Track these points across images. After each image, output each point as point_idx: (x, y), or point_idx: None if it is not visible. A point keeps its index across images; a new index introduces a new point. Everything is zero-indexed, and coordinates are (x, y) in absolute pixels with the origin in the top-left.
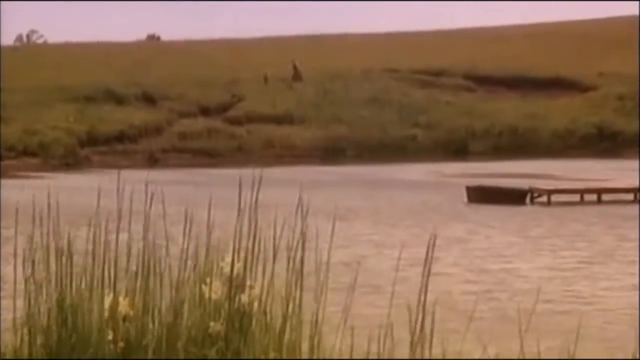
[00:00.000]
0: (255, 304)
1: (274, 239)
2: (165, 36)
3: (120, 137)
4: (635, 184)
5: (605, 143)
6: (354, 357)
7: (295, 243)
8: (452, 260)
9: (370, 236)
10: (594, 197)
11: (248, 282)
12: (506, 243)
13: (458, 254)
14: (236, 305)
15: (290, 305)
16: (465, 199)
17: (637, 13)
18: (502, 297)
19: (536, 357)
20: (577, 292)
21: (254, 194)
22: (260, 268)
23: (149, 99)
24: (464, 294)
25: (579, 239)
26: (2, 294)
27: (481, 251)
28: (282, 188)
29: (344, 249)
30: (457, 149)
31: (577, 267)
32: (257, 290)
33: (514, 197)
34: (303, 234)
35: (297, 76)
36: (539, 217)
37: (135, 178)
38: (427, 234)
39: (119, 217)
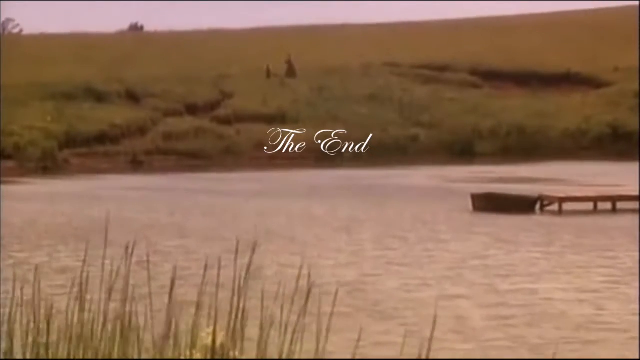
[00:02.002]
0: None
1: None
2: (149, 26)
3: (101, 138)
4: None
5: (620, 144)
6: None
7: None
8: (468, 280)
9: (377, 251)
10: (608, 205)
11: (232, 354)
12: (523, 259)
13: (473, 272)
14: None
15: None
16: (471, 208)
17: None
18: (524, 323)
19: None
20: (606, 316)
21: (248, 263)
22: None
23: (131, 97)
24: (482, 319)
25: (600, 255)
26: None
27: (498, 269)
28: (278, 199)
29: (350, 267)
30: (462, 150)
31: (603, 288)
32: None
33: (523, 205)
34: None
35: (291, 72)
36: (554, 230)
37: (120, 185)
38: (438, 249)
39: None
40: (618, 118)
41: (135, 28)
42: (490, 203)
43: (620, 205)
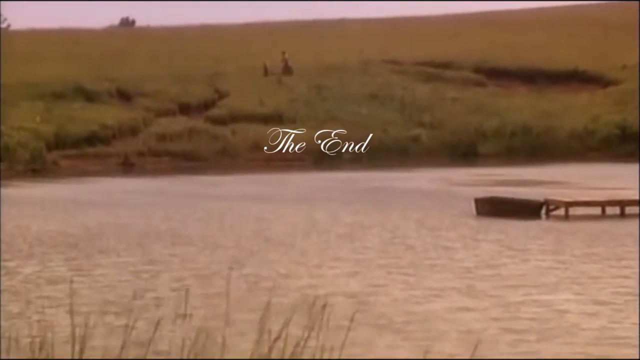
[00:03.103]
0: None
1: None
2: (141, 20)
3: (91, 139)
4: None
5: (629, 145)
6: None
7: None
8: (478, 291)
9: (382, 260)
10: (616, 209)
11: None
12: (534, 269)
13: (483, 282)
14: None
15: None
16: (474, 212)
17: None
18: (539, 338)
19: None
20: (623, 330)
21: None
22: None
23: (123, 96)
24: (494, 333)
25: (613, 264)
26: None
27: (508, 279)
28: (276, 203)
29: (355, 277)
30: (464, 151)
31: (619, 300)
32: None
33: (528, 210)
34: None
35: (287, 70)
36: (563, 237)
37: (112, 188)
38: (445, 257)
39: None
40: (627, 118)
41: (127, 23)
42: (494, 207)
43: (629, 209)
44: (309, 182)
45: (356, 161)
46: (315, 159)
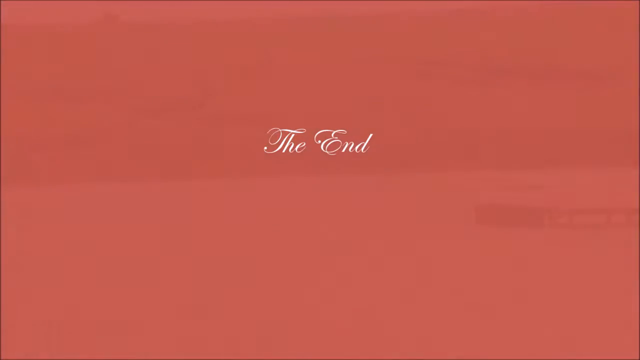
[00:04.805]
0: None
1: None
2: (125, 16)
3: (73, 141)
4: None
5: (633, 147)
6: None
7: None
8: (494, 310)
9: (386, 273)
10: (621, 217)
11: None
12: (550, 283)
13: (497, 298)
14: None
15: None
16: (476, 220)
17: None
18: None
19: None
20: None
21: None
22: None
23: (107, 95)
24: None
25: (631, 277)
26: None
27: (522, 294)
28: (271, 210)
29: (357, 291)
30: (464, 153)
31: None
32: None
33: (530, 217)
34: None
35: (273, 67)
36: (571, 248)
37: (99, 194)
38: (453, 270)
39: None
40: (632, 119)
41: (110, 18)
42: (496, 215)
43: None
44: (304, 186)
45: (353, 164)
46: (310, 161)
